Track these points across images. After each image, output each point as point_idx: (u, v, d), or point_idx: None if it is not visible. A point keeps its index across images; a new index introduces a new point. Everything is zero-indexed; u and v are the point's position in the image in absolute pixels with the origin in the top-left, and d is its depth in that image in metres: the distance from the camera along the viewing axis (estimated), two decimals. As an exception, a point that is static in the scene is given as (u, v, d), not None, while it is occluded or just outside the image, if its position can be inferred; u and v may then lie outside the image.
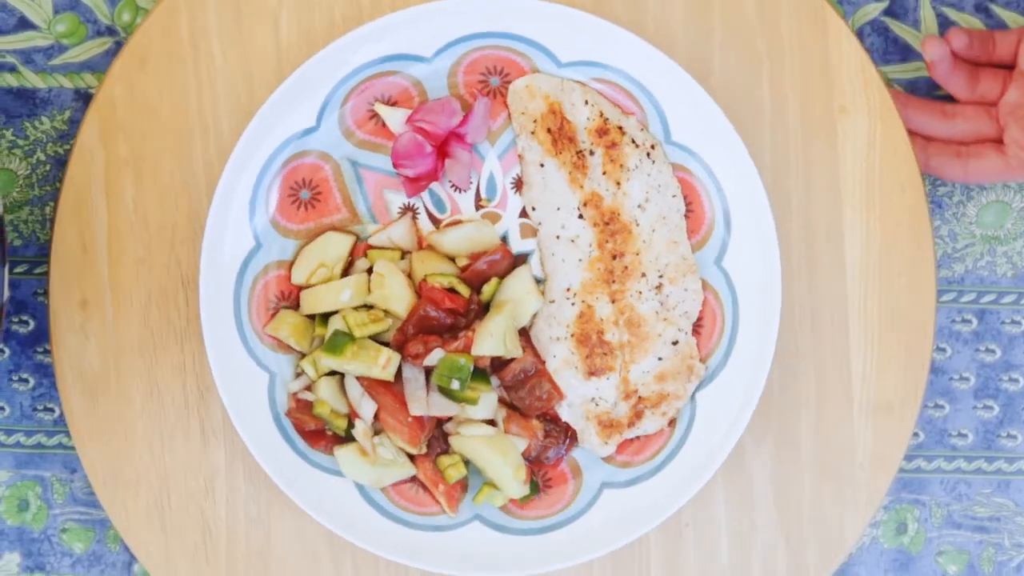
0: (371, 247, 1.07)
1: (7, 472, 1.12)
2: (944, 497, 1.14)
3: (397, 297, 1.05)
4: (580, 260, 1.07)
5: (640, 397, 1.07)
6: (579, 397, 1.07)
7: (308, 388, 1.07)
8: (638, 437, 1.08)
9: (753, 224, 1.06)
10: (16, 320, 1.12)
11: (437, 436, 1.07)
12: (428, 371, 1.05)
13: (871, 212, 1.08)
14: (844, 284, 1.09)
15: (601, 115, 1.06)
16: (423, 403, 1.04)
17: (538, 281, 1.07)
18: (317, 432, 1.06)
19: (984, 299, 1.14)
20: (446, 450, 1.07)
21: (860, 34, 1.11)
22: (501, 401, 1.08)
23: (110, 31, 1.11)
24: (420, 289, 1.05)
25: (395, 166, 1.06)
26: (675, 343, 1.07)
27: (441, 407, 1.05)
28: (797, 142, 1.08)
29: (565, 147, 1.06)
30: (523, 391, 1.07)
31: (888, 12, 1.13)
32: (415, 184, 1.06)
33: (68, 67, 1.11)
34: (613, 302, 1.07)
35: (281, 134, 1.05)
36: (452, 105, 1.06)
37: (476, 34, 1.06)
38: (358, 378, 1.05)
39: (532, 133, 1.06)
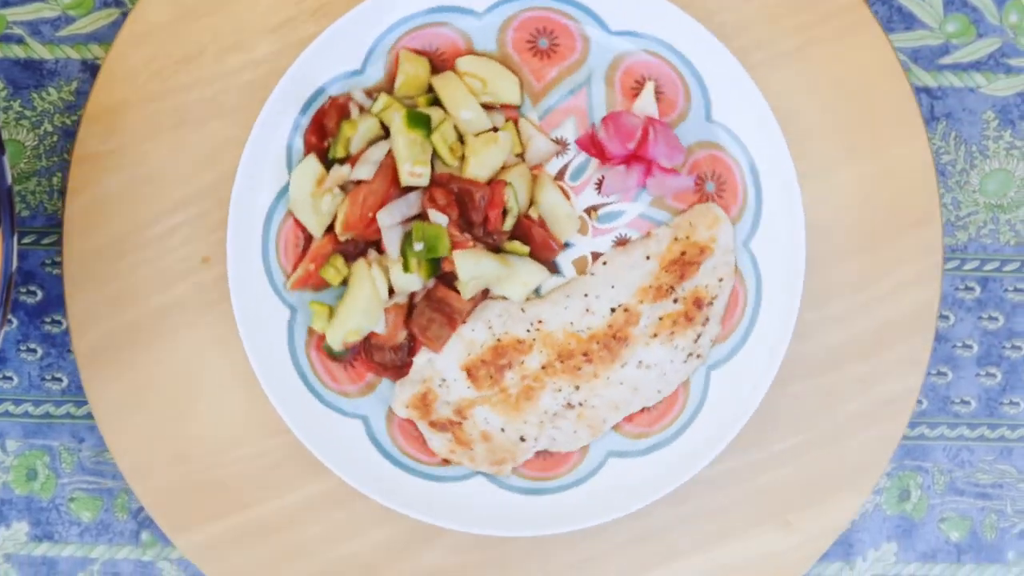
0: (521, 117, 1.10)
1: (15, 442, 1.12)
2: (947, 464, 1.15)
3: (486, 165, 1.07)
4: (572, 324, 1.10)
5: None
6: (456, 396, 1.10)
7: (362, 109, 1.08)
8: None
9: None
10: (24, 291, 1.12)
11: (359, 247, 1.08)
12: (416, 218, 1.07)
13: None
14: (858, 273, 1.11)
15: (710, 296, 1.09)
16: (391, 220, 1.06)
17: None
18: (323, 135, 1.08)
19: (987, 267, 1.15)
20: (349, 259, 1.08)
21: (866, 3, 1.12)
22: (412, 297, 1.08)
23: (117, 2, 1.11)
24: (495, 186, 1.07)
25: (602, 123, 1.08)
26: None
27: (392, 241, 1.06)
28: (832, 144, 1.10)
29: (671, 274, 1.10)
30: (431, 314, 1.07)
31: (893, -19, 1.14)
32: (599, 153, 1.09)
33: (75, 38, 1.11)
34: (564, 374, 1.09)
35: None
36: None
37: None
38: (390, 152, 1.07)
39: (669, 246, 1.10)
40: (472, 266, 1.05)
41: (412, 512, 1.07)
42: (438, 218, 1.05)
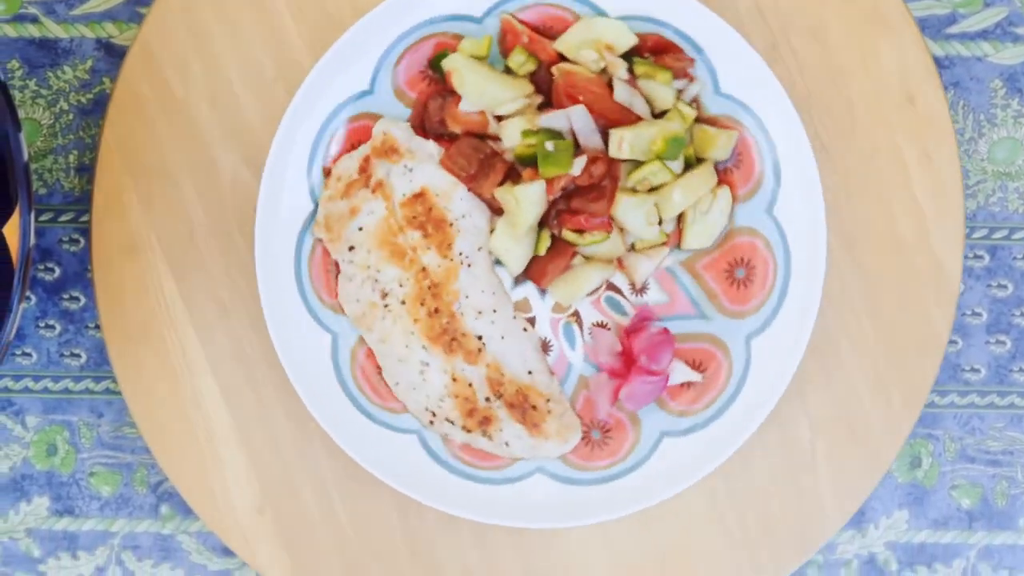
0: None
1: (35, 418, 1.14)
2: (957, 431, 1.16)
3: None
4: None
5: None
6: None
7: None
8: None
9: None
10: (42, 268, 1.13)
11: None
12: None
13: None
14: (888, 259, 1.12)
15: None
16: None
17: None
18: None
19: (996, 235, 1.15)
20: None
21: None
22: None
23: (130, -19, 1.13)
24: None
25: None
26: None
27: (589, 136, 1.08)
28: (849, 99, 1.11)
29: None
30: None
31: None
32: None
33: (89, 17, 1.12)
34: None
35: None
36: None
37: None
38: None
39: None
40: (534, 198, 1.06)
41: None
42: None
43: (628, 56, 1.08)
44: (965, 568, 1.16)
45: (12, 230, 0.97)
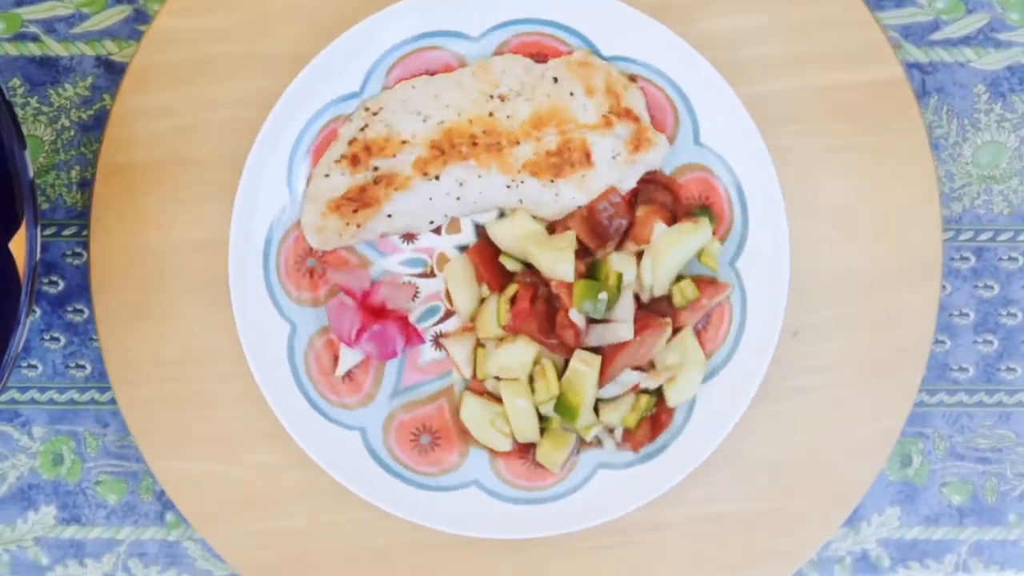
0: None
1: (42, 428, 1.15)
2: (947, 430, 1.17)
3: None
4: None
5: None
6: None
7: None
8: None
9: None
10: (46, 281, 1.15)
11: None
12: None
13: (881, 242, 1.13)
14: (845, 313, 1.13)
15: None
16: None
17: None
18: None
19: (981, 237, 1.16)
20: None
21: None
22: None
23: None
24: None
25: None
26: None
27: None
28: (820, 158, 1.13)
29: None
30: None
31: (882, -40, 1.16)
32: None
33: (89, 35, 1.14)
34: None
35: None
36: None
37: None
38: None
39: None
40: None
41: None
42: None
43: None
44: (956, 563, 1.17)
45: (18, 245, 0.99)
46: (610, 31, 1.09)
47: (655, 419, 1.11)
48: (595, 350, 1.09)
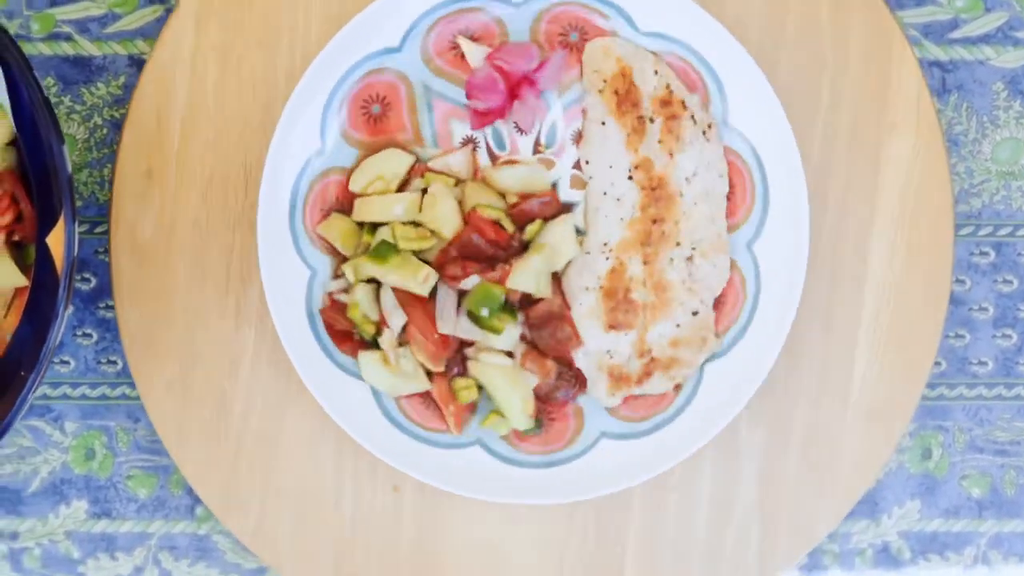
0: (429, 170, 1.12)
1: (74, 423, 1.16)
2: (966, 423, 1.18)
3: (446, 220, 1.09)
4: (622, 219, 1.11)
5: (653, 357, 1.11)
6: (596, 347, 1.12)
7: (345, 291, 1.11)
8: (643, 395, 1.13)
9: (789, 216, 1.11)
10: (79, 278, 1.16)
11: (456, 359, 1.11)
12: (461, 295, 1.10)
13: (899, 230, 1.13)
14: (862, 292, 1.14)
15: (668, 87, 1.10)
16: (452, 323, 1.09)
17: (579, 232, 1.12)
18: (346, 333, 1.11)
19: (1000, 232, 1.17)
20: (463, 373, 1.11)
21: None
22: (522, 338, 1.12)
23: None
24: (468, 217, 1.10)
25: (468, 97, 1.11)
26: (695, 313, 1.11)
27: (467, 331, 1.10)
28: (844, 147, 1.13)
29: (628, 111, 1.11)
30: (545, 331, 1.11)
31: (903, -41, 1.17)
32: (482, 117, 1.11)
33: (121, 35, 1.15)
34: (645, 264, 1.11)
35: (364, 49, 1.10)
36: (531, 51, 1.10)
37: None
38: (394, 289, 1.09)
39: (600, 91, 1.11)
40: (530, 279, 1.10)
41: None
42: (469, 284, 1.10)
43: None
44: (976, 556, 1.18)
45: (56, 240, 1.00)
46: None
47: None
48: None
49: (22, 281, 1.05)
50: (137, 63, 1.15)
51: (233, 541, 1.16)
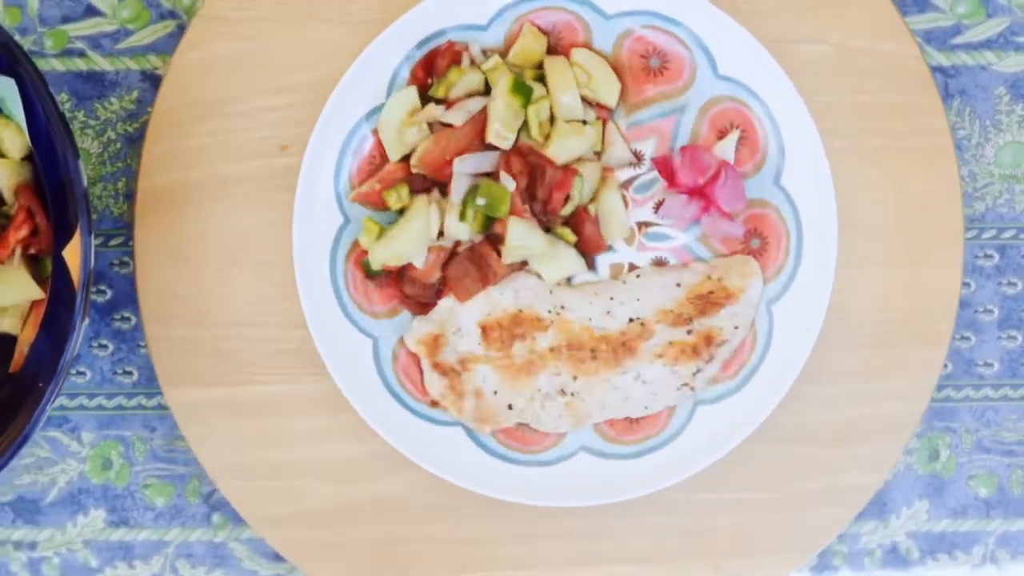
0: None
1: (91, 433, 1.17)
2: (973, 424, 1.18)
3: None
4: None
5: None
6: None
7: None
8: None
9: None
10: (94, 290, 1.17)
11: None
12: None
13: (910, 236, 1.15)
14: (873, 294, 1.15)
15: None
16: None
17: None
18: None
19: (1004, 235, 1.18)
20: None
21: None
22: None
23: (172, 14, 1.16)
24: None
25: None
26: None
27: None
28: (867, 163, 1.15)
29: None
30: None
31: (904, -33, 1.18)
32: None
33: (134, 50, 1.16)
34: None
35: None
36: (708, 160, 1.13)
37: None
38: None
39: None
40: (522, 235, 1.10)
41: (390, 438, 1.12)
42: (507, 182, 1.10)
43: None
44: (984, 555, 1.19)
45: (72, 253, 1.01)
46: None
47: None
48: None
49: (39, 294, 1.06)
50: (150, 78, 1.16)
51: (250, 548, 1.17)
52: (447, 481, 1.14)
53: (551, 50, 1.13)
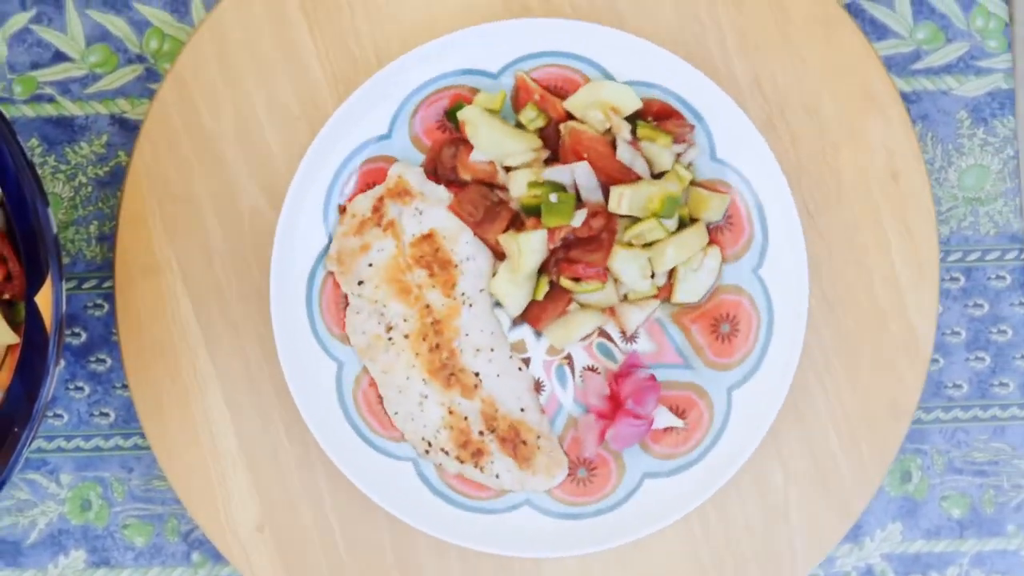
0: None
1: (69, 475, 1.18)
2: (944, 445, 1.19)
3: None
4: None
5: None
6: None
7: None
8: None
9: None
10: (70, 332, 1.18)
11: None
12: None
13: (888, 261, 1.16)
14: (852, 322, 1.16)
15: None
16: None
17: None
18: None
19: (970, 257, 1.19)
20: None
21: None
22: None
23: (140, 59, 1.17)
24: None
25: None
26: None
27: None
28: (843, 189, 1.16)
29: None
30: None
31: (864, -5, 1.19)
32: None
33: (103, 94, 1.17)
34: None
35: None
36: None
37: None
38: None
39: None
40: (537, 247, 1.11)
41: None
42: (578, 216, 1.11)
43: (632, 119, 1.13)
44: (959, 574, 1.20)
45: (44, 299, 1.02)
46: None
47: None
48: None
49: (13, 339, 1.07)
50: (119, 122, 1.17)
51: (229, 585, 1.19)
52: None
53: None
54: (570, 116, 1.13)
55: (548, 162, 1.13)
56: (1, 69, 1.17)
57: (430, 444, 1.13)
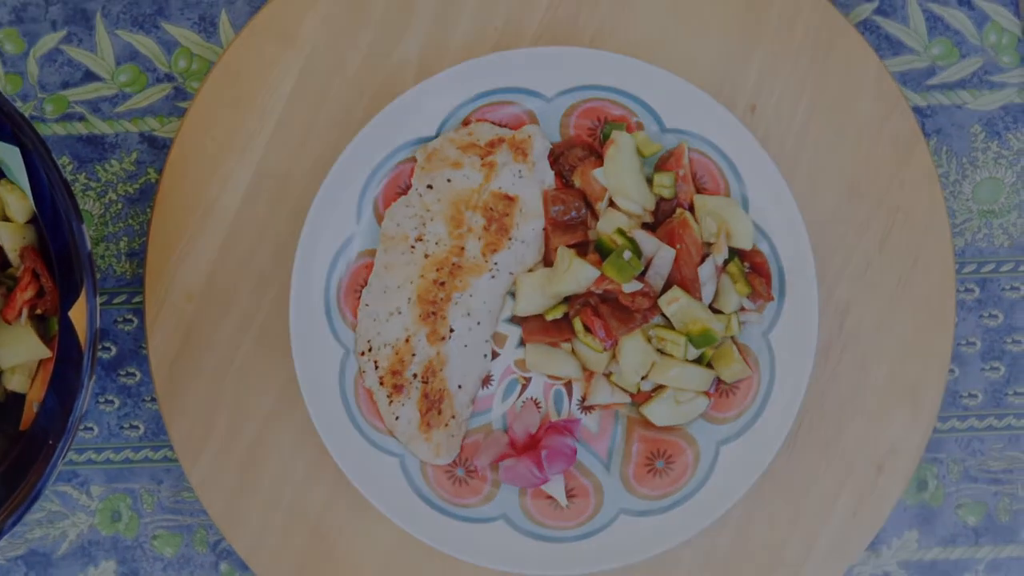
0: None
1: (99, 487, 1.20)
2: (959, 454, 1.20)
3: None
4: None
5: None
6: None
7: None
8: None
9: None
10: (100, 347, 1.19)
11: None
12: None
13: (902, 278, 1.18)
14: (865, 389, 1.18)
15: None
16: None
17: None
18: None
19: (984, 269, 1.20)
20: None
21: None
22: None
23: (168, 77, 1.19)
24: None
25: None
26: None
27: None
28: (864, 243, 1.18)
29: None
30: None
31: (879, 11, 1.20)
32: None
33: (132, 113, 1.19)
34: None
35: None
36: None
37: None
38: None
39: None
40: (582, 277, 1.12)
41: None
42: (631, 286, 1.12)
43: (734, 252, 1.15)
44: (974, 581, 1.21)
45: (78, 314, 1.03)
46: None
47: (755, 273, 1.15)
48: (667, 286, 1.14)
49: (46, 353, 1.09)
50: (148, 140, 1.19)
51: (257, 595, 1.20)
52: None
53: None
54: (690, 208, 1.14)
55: (645, 225, 1.15)
56: (33, 88, 1.18)
57: (370, 350, 1.15)
